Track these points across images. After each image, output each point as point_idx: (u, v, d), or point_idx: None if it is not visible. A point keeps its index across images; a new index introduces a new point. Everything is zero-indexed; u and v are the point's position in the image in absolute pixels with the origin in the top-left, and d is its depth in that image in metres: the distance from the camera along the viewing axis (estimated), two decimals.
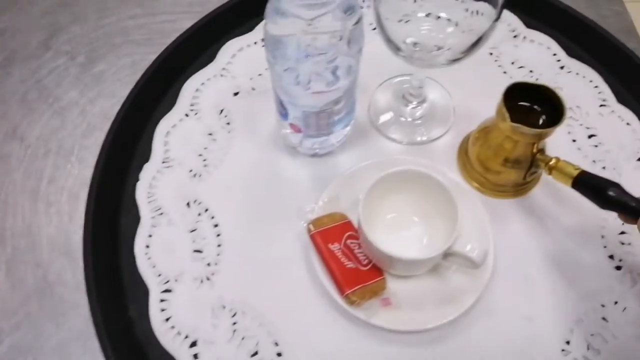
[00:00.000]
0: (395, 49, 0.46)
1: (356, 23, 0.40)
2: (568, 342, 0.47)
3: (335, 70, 0.42)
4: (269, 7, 0.40)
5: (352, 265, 0.47)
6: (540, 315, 0.48)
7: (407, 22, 0.48)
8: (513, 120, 0.46)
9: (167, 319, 0.47)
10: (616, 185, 0.45)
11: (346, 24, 0.40)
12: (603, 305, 0.48)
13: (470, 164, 0.54)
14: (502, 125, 0.48)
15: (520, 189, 0.53)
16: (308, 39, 0.40)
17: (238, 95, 0.59)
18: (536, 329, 0.47)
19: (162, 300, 0.48)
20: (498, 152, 0.50)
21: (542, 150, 0.49)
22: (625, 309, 0.48)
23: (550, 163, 0.48)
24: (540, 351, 0.46)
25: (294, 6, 0.38)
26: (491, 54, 0.62)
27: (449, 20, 0.48)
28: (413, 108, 0.57)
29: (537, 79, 0.60)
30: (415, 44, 0.48)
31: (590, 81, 0.60)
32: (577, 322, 0.47)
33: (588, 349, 0.46)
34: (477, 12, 0.47)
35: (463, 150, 0.56)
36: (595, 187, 0.46)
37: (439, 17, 0.48)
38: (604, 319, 0.48)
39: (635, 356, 0.46)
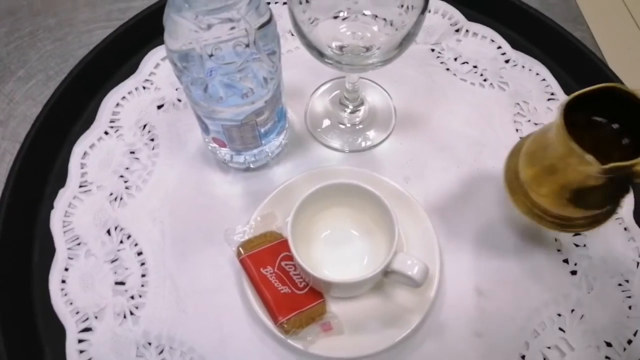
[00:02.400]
0: (319, 54, 0.43)
1: (262, 26, 0.37)
2: (523, 357, 0.44)
3: (247, 81, 0.39)
4: (164, 17, 0.36)
5: (287, 290, 0.44)
6: (492, 330, 0.45)
7: (327, 24, 0.44)
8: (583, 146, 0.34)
9: None
10: None
11: (250, 29, 0.36)
12: (559, 315, 0.45)
13: (536, 207, 0.42)
14: (581, 169, 0.36)
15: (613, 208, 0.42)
16: (210, 48, 0.36)
17: (162, 108, 0.55)
18: (489, 345, 0.44)
19: (80, 341, 0.44)
20: (579, 196, 0.39)
21: None
22: (582, 316, 0.45)
23: None
24: None
25: (187, 14, 0.34)
26: (433, 50, 0.59)
27: (375, 17, 0.44)
28: (351, 113, 0.54)
29: (481, 75, 0.57)
30: (341, 47, 0.44)
31: (537, 74, 0.57)
32: (533, 334, 0.45)
33: None
34: (411, 7, 0.44)
35: (517, 188, 0.43)
36: None
37: (364, 15, 0.45)
38: (560, 329, 0.45)
39: None
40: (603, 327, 0.45)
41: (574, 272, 0.47)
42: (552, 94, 0.56)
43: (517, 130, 0.54)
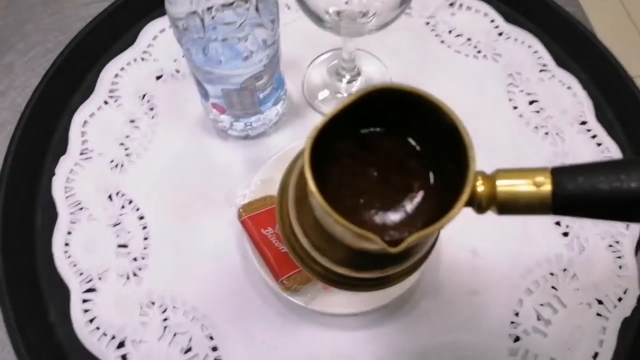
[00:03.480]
0: (318, 20, 0.45)
1: None
2: (517, 314, 0.46)
3: (248, 42, 0.41)
4: None
5: None
6: (487, 288, 0.47)
7: None
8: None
9: (91, 320, 0.45)
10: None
11: None
12: (552, 274, 0.48)
13: (329, 272, 0.30)
14: (361, 244, 0.26)
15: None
16: (211, 9, 0.38)
17: (161, 79, 0.57)
18: (483, 303, 0.47)
19: (84, 301, 0.46)
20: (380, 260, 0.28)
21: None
22: (574, 275, 0.48)
23: (497, 194, 0.26)
24: (488, 325, 0.46)
25: None
26: (427, 23, 0.61)
27: None
28: (348, 83, 0.56)
29: (475, 47, 0.60)
30: (338, 12, 0.46)
31: (529, 46, 0.60)
32: (526, 292, 0.47)
33: (538, 319, 0.46)
34: None
35: (297, 249, 0.31)
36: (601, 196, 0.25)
37: None
38: (553, 287, 0.48)
39: (585, 324, 0.46)
40: (594, 286, 0.47)
41: (565, 234, 0.50)
42: (544, 65, 0.59)
43: (510, 100, 0.57)
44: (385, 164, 0.28)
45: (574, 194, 0.25)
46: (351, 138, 0.27)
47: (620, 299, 0.47)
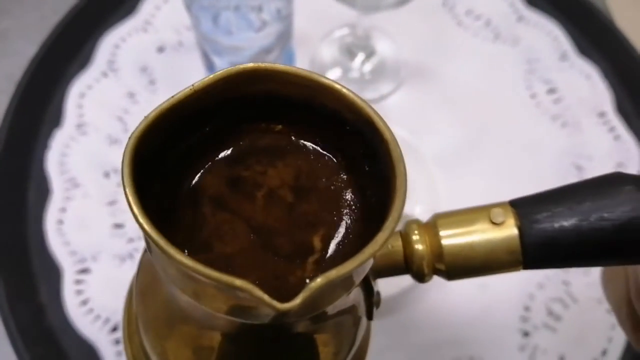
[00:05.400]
0: None
1: None
2: (527, 309, 0.46)
3: (260, 12, 0.40)
4: None
5: None
6: (497, 282, 0.46)
7: None
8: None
9: (84, 302, 0.45)
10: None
11: None
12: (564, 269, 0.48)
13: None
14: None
15: None
16: None
17: (163, 51, 0.55)
18: (493, 296, 0.46)
19: (77, 282, 0.45)
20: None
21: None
22: (586, 270, 0.47)
23: (443, 249, 0.21)
24: (497, 320, 0.45)
25: None
26: (444, 4, 0.60)
27: None
28: (361, 62, 0.55)
29: (493, 31, 0.59)
30: None
31: (550, 32, 0.59)
32: (538, 286, 0.47)
33: (548, 314, 0.46)
34: None
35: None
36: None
37: None
38: (564, 282, 0.47)
39: (595, 321, 0.46)
40: None
41: None
42: (564, 52, 0.58)
43: (527, 87, 0.56)
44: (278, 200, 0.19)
45: (554, 229, 0.18)
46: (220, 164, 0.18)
47: None
